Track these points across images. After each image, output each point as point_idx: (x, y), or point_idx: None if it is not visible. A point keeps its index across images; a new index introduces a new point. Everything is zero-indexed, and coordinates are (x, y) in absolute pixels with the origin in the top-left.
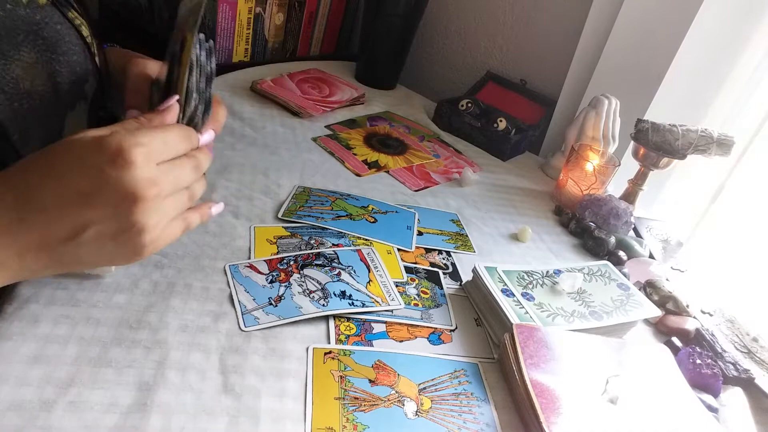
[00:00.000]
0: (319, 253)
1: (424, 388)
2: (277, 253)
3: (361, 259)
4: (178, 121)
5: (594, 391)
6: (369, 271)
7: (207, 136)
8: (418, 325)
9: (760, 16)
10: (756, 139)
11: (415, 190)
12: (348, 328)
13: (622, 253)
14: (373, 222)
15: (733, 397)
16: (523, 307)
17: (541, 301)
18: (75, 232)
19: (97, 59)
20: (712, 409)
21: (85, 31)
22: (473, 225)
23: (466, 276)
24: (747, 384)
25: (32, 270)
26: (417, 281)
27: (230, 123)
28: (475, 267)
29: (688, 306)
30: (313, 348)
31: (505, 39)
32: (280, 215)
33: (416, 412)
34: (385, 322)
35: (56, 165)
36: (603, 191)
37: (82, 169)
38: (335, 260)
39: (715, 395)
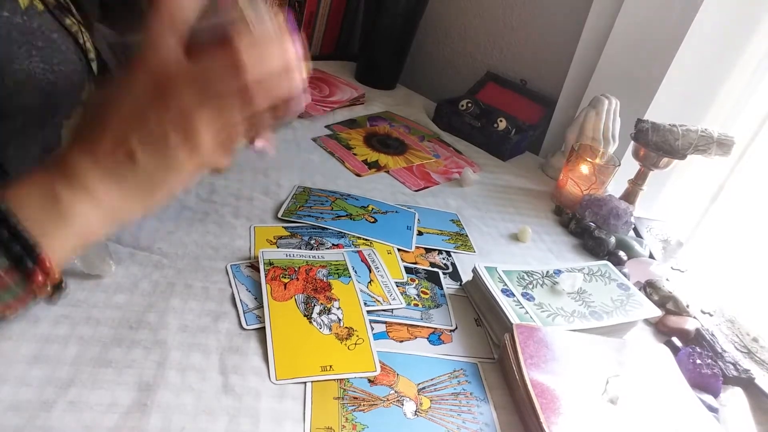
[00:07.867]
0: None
1: (423, 388)
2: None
3: (362, 260)
4: None
5: (594, 391)
6: (370, 272)
7: None
8: (418, 326)
9: (760, 16)
10: (756, 139)
11: (415, 190)
12: None
13: (622, 253)
14: (373, 222)
15: (733, 397)
16: (523, 307)
17: (541, 301)
18: (128, 150)
19: (94, 65)
20: (712, 409)
21: (82, 38)
22: (473, 225)
23: (466, 276)
24: (747, 384)
25: (121, 206)
26: (417, 281)
27: None
28: (475, 267)
29: (688, 306)
30: None
31: (505, 39)
32: (280, 215)
33: (415, 411)
34: (385, 323)
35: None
36: (603, 191)
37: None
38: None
39: (715, 395)
